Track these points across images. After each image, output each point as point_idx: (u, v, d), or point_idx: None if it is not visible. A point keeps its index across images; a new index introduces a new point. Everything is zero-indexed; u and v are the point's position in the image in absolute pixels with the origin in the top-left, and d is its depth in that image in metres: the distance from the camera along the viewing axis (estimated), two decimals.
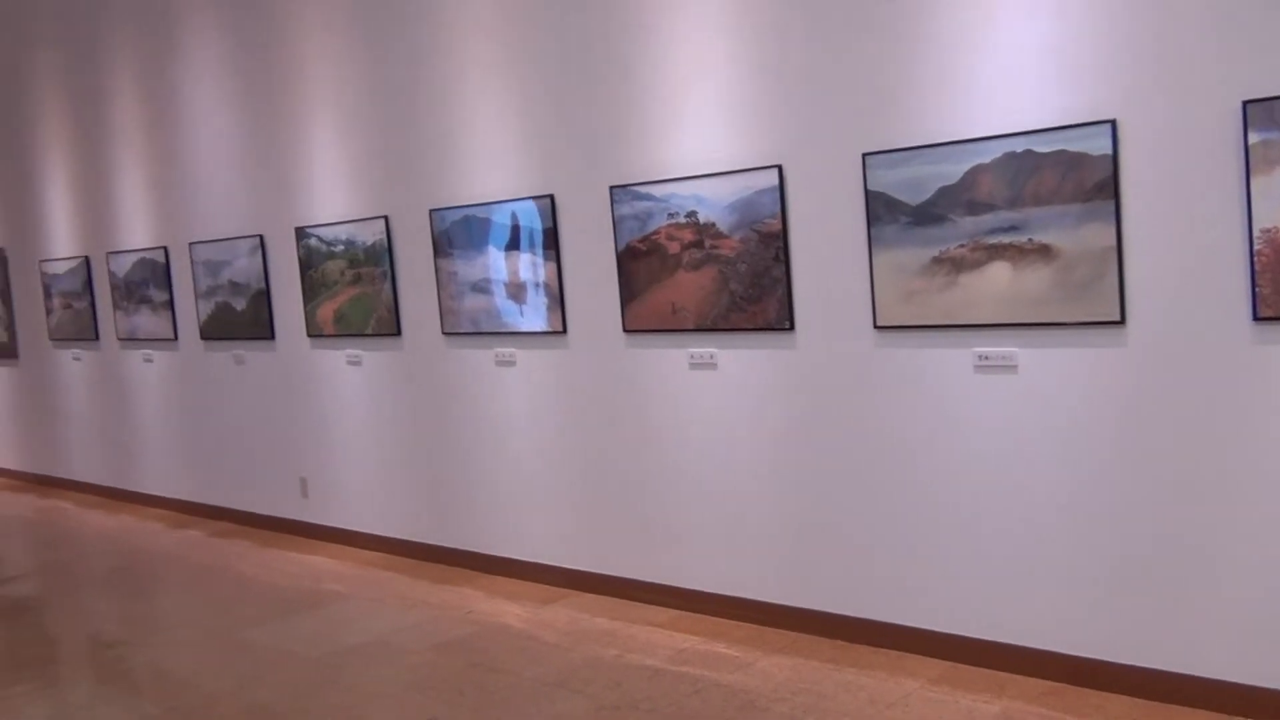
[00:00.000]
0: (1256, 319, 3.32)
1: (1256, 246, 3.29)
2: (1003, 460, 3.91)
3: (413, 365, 6.09)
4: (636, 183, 4.81)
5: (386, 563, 6.23)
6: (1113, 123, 3.51)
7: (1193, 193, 3.42)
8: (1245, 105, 3.26)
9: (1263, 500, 3.39)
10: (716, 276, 4.58)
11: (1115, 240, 3.54)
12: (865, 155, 4.07)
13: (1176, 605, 3.59)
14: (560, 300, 5.22)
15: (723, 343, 4.66)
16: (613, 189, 4.89)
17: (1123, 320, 3.58)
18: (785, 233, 4.37)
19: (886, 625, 4.29)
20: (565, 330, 5.24)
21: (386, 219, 6.02)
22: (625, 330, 4.98)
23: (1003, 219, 3.76)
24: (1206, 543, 3.51)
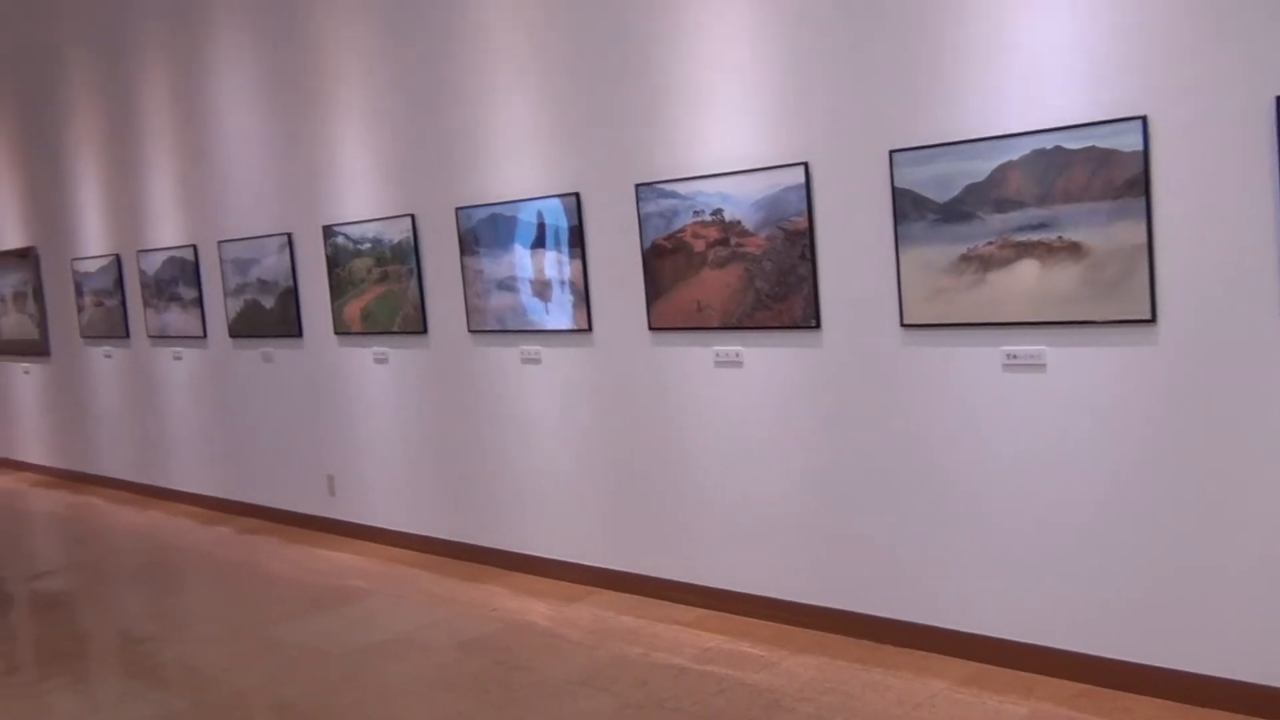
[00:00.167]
0: None
1: None
2: (1031, 460, 3.88)
3: (439, 363, 6.10)
4: (662, 180, 4.80)
5: (412, 560, 6.26)
6: (1144, 119, 3.47)
7: (1225, 189, 3.37)
8: (1278, 100, 3.21)
9: None
10: (742, 274, 4.57)
11: (1146, 238, 3.50)
12: (892, 152, 4.04)
13: (1208, 607, 3.55)
14: (586, 298, 5.22)
15: (748, 341, 4.64)
16: (638, 187, 4.88)
17: (1153, 318, 3.53)
18: (811, 230, 4.35)
19: (913, 625, 4.26)
20: (591, 328, 5.24)
21: (413, 217, 6.04)
22: (650, 328, 4.97)
23: (1032, 216, 3.72)
24: (1238, 544, 3.47)
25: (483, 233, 5.64)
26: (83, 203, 9.06)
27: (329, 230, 6.56)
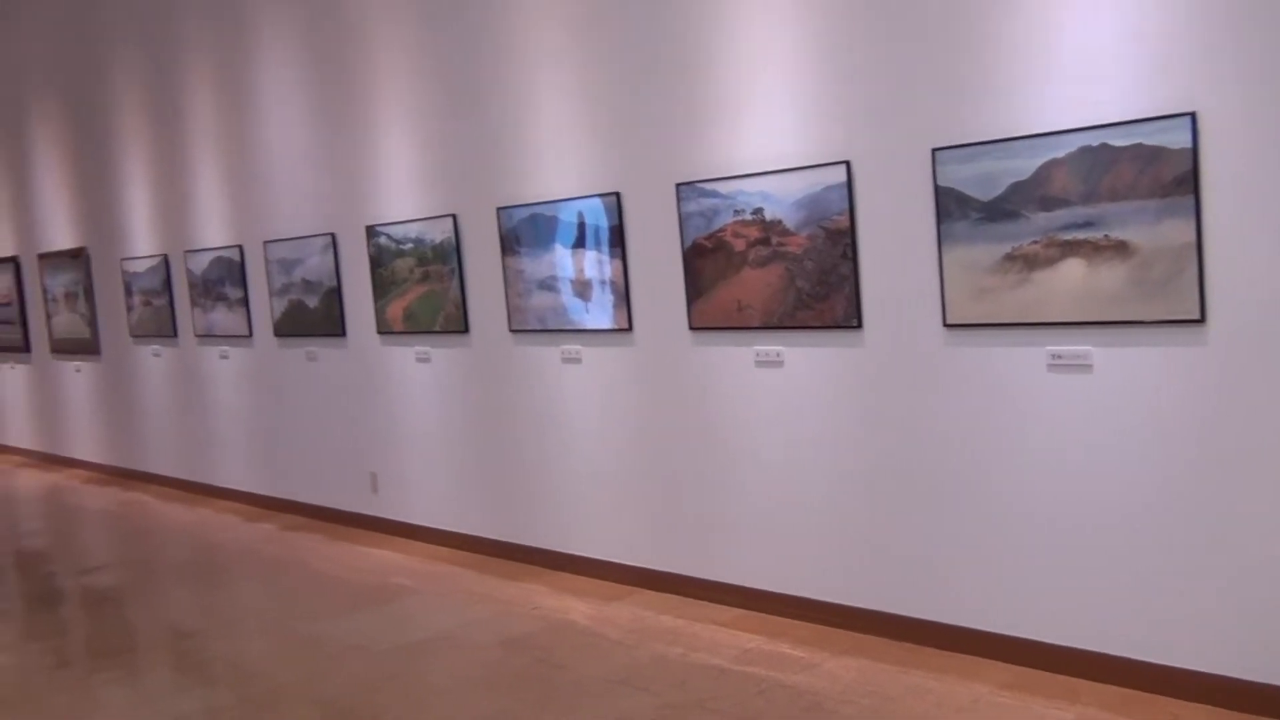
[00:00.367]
0: None
1: None
2: (1076, 461, 3.82)
3: (480, 362, 6.13)
4: (702, 180, 4.79)
5: (454, 558, 6.30)
6: (1193, 115, 3.41)
7: (1275, 187, 3.30)
8: None
9: None
10: (783, 274, 4.55)
11: (1195, 236, 3.44)
12: (935, 150, 4.00)
13: (1257, 612, 3.48)
14: (626, 298, 5.22)
15: (789, 341, 4.62)
16: (679, 186, 4.88)
17: (1202, 318, 3.47)
18: (853, 229, 4.32)
19: (955, 628, 4.22)
20: (631, 328, 5.24)
21: (455, 217, 6.08)
22: (691, 328, 4.96)
23: (1077, 215, 3.67)
24: None
25: (524, 232, 5.66)
26: (132, 204, 9.21)
27: (372, 230, 6.62)
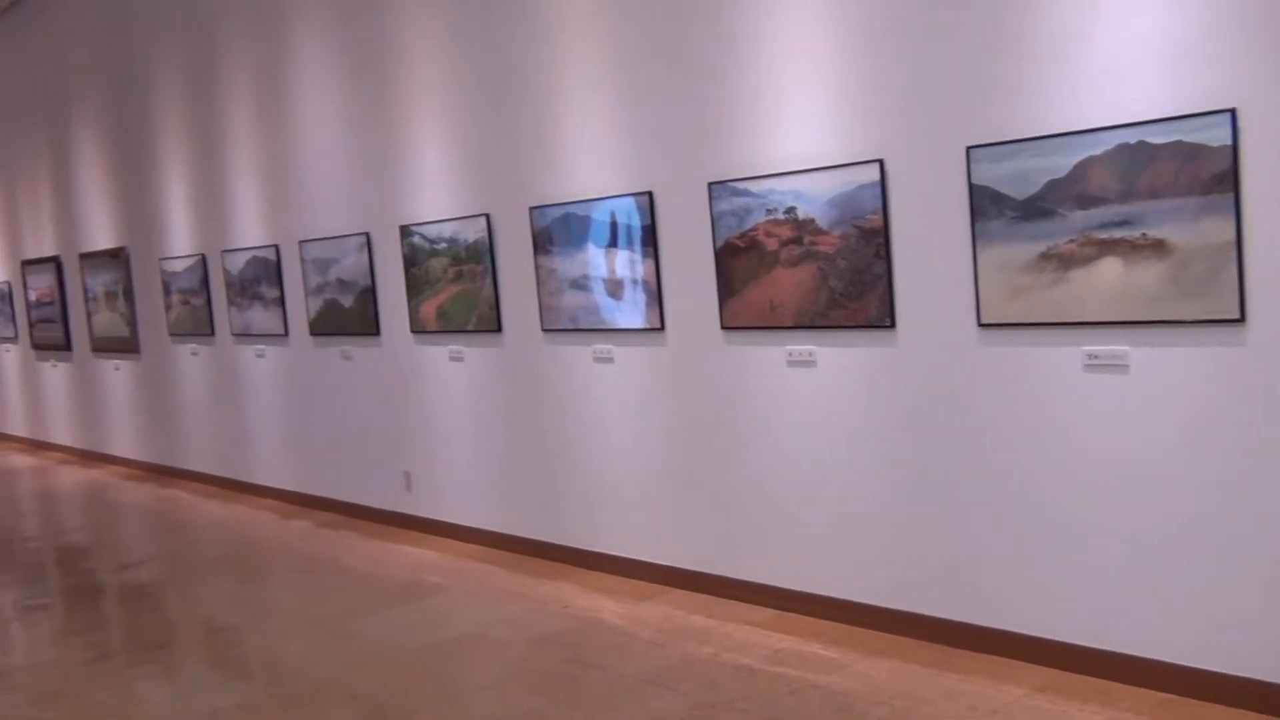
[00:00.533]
0: None
1: None
2: (1113, 463, 3.78)
3: (513, 361, 6.16)
4: (735, 179, 4.78)
5: (486, 556, 6.32)
6: (1232, 112, 3.36)
7: None
8: None
9: None
10: (815, 273, 4.53)
11: (1235, 234, 3.39)
12: (970, 148, 3.97)
13: None
14: (658, 297, 5.22)
15: (822, 340, 4.60)
16: (711, 185, 4.87)
17: (1242, 318, 3.42)
18: (887, 228, 4.29)
19: (988, 630, 4.18)
20: (663, 327, 5.24)
21: (488, 217, 6.10)
22: (723, 327, 4.95)
23: (1114, 213, 3.63)
24: None
25: (556, 232, 5.67)
26: (171, 204, 9.32)
27: (406, 230, 6.66)
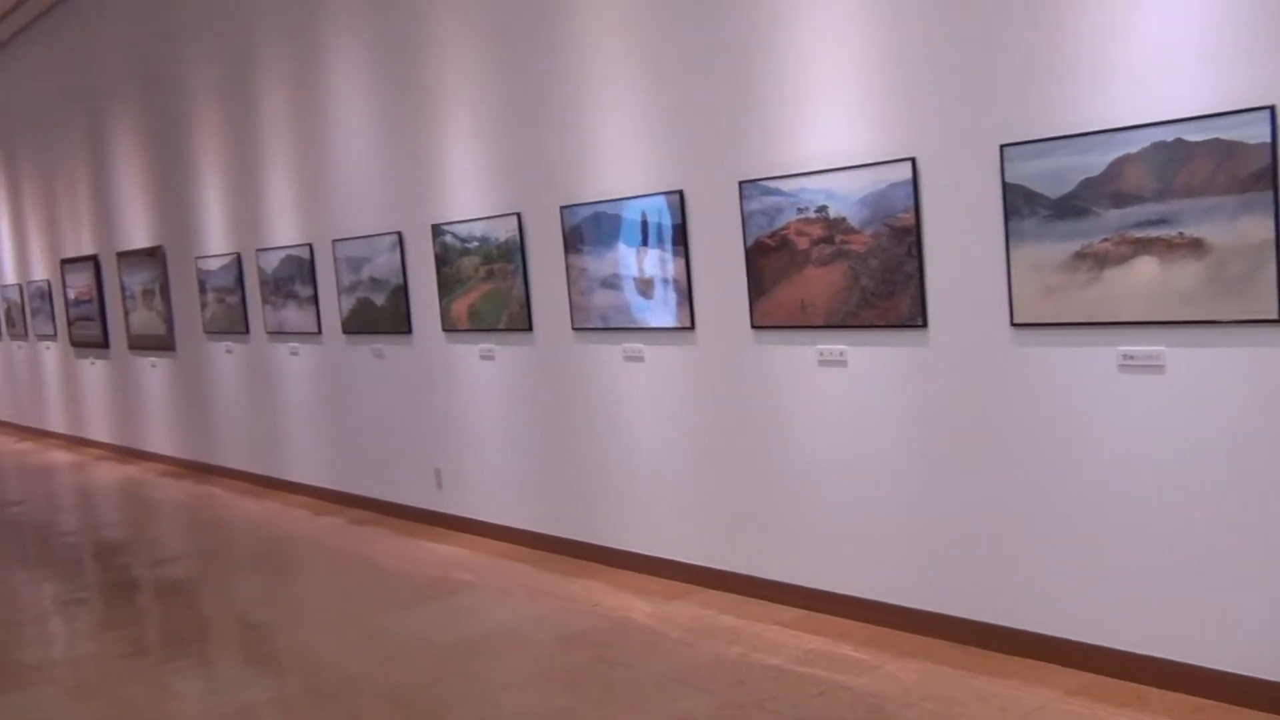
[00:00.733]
0: None
1: None
2: (1148, 465, 3.73)
3: (543, 360, 6.17)
4: (766, 177, 4.76)
5: (516, 554, 6.34)
6: (1271, 109, 3.31)
7: None
8: None
9: None
10: (847, 272, 4.51)
11: (1274, 233, 3.34)
12: (1003, 147, 3.94)
13: None
14: (689, 296, 5.21)
15: (853, 340, 4.58)
16: (742, 184, 4.86)
17: None
18: (919, 227, 4.26)
19: (1021, 632, 4.15)
20: (694, 326, 5.23)
21: (519, 216, 6.12)
22: (753, 326, 4.94)
23: (1150, 212, 3.59)
24: None
25: (587, 231, 5.68)
26: (206, 204, 9.41)
27: (437, 229, 6.69)
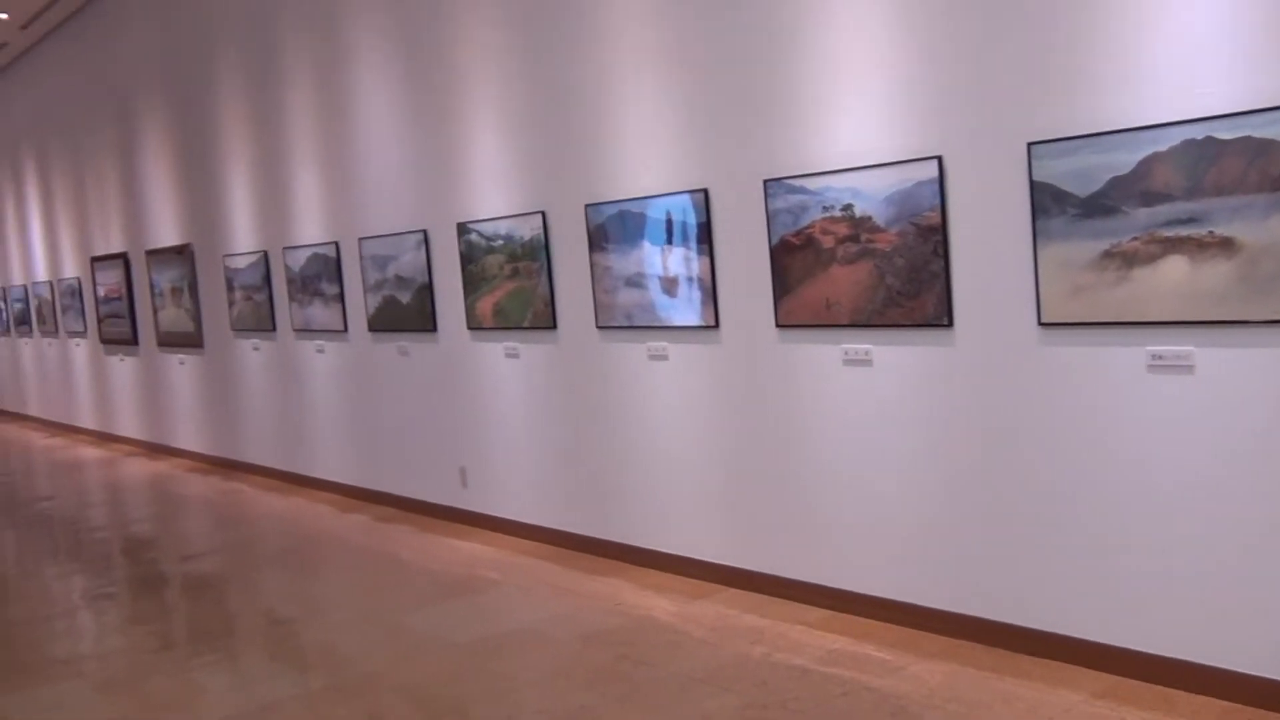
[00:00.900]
0: None
1: None
2: (1177, 465, 3.69)
3: (568, 358, 6.17)
4: (791, 176, 4.74)
5: (539, 552, 6.35)
6: None
7: None
8: None
9: None
10: (872, 271, 4.48)
11: None
12: (1031, 145, 3.91)
13: None
14: (713, 295, 5.20)
15: (878, 339, 4.55)
16: (766, 183, 4.84)
17: None
18: (945, 226, 4.24)
19: (1047, 634, 4.11)
20: (718, 325, 5.22)
21: (543, 214, 6.12)
22: (778, 325, 4.92)
23: (1180, 210, 3.55)
24: None
25: (611, 229, 5.68)
26: (234, 202, 9.48)
27: (463, 227, 6.71)
